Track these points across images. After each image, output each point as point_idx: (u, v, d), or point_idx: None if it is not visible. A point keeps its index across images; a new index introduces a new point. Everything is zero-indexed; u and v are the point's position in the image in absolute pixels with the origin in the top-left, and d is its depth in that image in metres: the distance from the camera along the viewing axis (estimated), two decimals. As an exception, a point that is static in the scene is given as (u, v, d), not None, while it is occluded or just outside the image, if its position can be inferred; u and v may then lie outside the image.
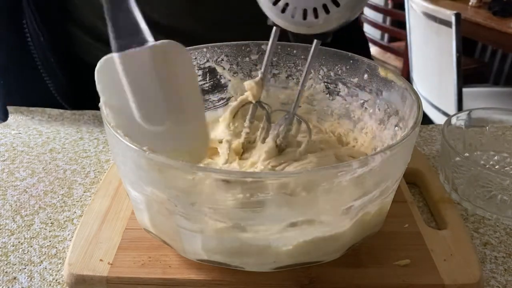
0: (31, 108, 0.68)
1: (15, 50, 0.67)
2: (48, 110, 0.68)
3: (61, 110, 0.68)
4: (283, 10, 0.35)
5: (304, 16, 0.35)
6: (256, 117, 0.45)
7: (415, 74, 1.95)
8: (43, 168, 0.55)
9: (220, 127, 0.49)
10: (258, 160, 0.42)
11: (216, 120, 0.51)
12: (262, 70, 0.42)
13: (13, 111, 0.68)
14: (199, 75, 0.50)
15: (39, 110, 0.68)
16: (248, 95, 0.43)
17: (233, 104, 0.45)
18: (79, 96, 0.71)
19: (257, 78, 0.42)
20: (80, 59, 0.70)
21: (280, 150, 0.43)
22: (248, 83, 0.43)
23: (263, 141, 0.43)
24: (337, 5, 0.34)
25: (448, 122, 0.53)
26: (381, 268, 0.39)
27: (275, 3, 0.35)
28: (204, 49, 0.49)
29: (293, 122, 0.43)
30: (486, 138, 0.55)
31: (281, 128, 0.43)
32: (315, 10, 0.34)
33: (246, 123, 0.44)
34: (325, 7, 0.34)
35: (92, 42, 0.68)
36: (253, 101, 0.43)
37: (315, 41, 0.39)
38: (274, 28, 0.39)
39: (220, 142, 0.48)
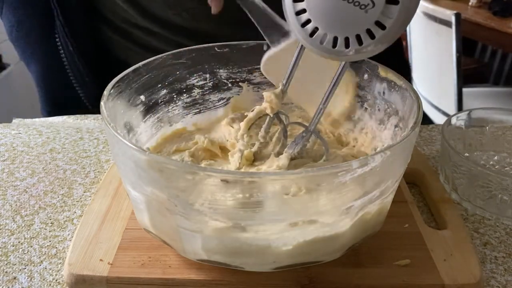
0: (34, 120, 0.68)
1: (49, 61, 0.71)
2: (50, 119, 0.68)
3: (65, 117, 0.68)
4: (312, 34, 0.32)
5: (334, 44, 0.32)
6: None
7: (415, 74, 1.95)
8: (43, 168, 0.55)
9: (221, 130, 0.49)
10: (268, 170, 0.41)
11: (217, 121, 0.51)
12: (284, 82, 0.40)
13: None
14: (199, 75, 0.50)
15: (42, 120, 0.68)
16: (266, 107, 0.41)
17: (249, 115, 0.44)
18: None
19: (277, 90, 0.41)
20: (109, 62, 0.73)
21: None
22: (268, 95, 0.41)
23: (277, 155, 0.42)
24: (372, 37, 0.30)
25: (448, 122, 0.53)
26: (381, 268, 0.39)
27: (303, 25, 0.32)
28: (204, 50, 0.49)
29: (308, 139, 0.42)
30: (486, 138, 0.55)
31: (297, 147, 0.41)
32: (346, 39, 0.31)
33: (261, 133, 0.43)
34: (358, 38, 0.31)
35: (119, 39, 0.71)
36: (271, 114, 0.42)
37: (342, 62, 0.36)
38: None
39: (222, 146, 0.47)
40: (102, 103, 0.38)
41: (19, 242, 0.44)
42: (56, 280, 0.40)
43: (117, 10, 0.68)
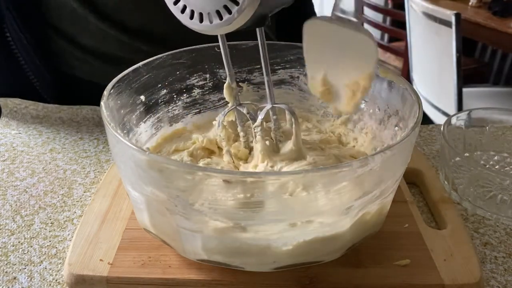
0: (24, 101, 0.66)
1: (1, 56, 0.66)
2: (41, 104, 0.66)
3: (59, 106, 0.67)
4: (183, 11, 0.35)
5: (201, 20, 0.35)
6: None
7: (415, 74, 1.95)
8: (43, 168, 0.55)
9: (215, 128, 0.49)
10: (257, 162, 0.42)
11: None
12: (227, 74, 0.43)
13: (2, 101, 0.66)
14: (199, 75, 0.50)
15: (31, 104, 0.66)
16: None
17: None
18: (62, 91, 0.71)
19: (226, 83, 0.43)
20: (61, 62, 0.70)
21: (277, 144, 0.43)
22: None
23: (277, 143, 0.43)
24: (230, 12, 0.33)
25: (448, 122, 0.53)
26: (381, 268, 0.39)
27: (175, 3, 0.35)
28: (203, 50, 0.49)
29: (275, 112, 0.42)
30: (486, 138, 0.55)
31: (265, 124, 0.42)
32: (209, 14, 0.34)
33: (239, 128, 0.44)
34: (218, 13, 0.34)
35: (66, 46, 0.67)
36: (232, 105, 0.43)
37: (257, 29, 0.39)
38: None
39: (218, 144, 0.47)
40: (102, 103, 0.38)
41: (19, 242, 0.44)
42: (56, 280, 0.40)
43: (67, 14, 0.64)
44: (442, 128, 0.52)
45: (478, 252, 0.43)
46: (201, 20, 0.35)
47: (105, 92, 0.40)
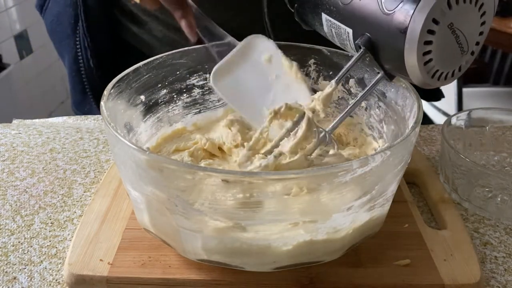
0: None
1: (71, 71, 0.74)
2: (50, 119, 0.68)
3: (65, 117, 0.68)
4: (429, 71, 0.36)
5: (439, 77, 0.37)
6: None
7: (415, 74, 1.95)
8: (43, 168, 0.55)
9: (219, 130, 0.49)
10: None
11: (217, 121, 0.51)
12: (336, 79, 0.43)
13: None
14: (199, 75, 0.50)
15: (42, 121, 0.68)
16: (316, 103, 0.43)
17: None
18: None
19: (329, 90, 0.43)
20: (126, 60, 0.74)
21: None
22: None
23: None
24: (460, 70, 0.38)
25: (448, 122, 0.53)
26: (381, 268, 0.39)
27: (425, 64, 0.35)
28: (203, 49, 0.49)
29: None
30: (486, 138, 0.55)
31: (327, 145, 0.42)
32: (447, 73, 0.37)
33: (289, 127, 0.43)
34: (453, 72, 0.37)
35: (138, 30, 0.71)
36: (320, 112, 0.43)
37: (379, 75, 0.40)
38: (363, 50, 0.39)
39: (220, 148, 0.47)
40: (102, 103, 0.38)
41: (19, 242, 0.44)
42: (56, 280, 0.40)
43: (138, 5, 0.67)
44: (442, 128, 0.52)
45: (478, 252, 0.43)
46: (439, 78, 0.37)
47: (105, 92, 0.40)
